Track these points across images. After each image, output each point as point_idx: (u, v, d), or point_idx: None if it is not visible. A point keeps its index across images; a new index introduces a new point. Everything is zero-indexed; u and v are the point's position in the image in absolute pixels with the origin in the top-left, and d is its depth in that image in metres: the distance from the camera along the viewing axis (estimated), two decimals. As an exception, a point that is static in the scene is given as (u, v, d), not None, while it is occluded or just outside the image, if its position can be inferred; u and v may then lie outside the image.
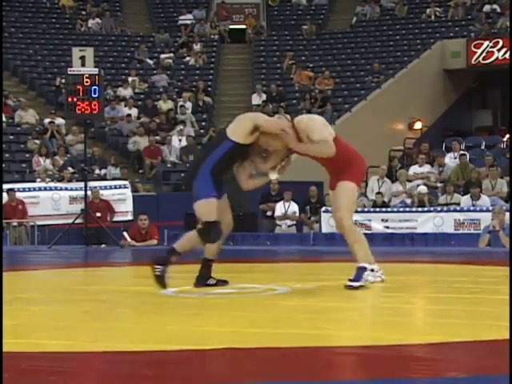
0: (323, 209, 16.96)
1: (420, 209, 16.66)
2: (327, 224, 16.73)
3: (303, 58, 26.92)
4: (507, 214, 14.49)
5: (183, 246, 7.05)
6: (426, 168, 18.62)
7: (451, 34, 25.71)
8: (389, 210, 16.99)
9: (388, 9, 28.69)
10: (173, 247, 7.07)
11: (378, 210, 16.95)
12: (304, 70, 25.57)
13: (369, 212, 16.94)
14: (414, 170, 18.60)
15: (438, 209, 16.41)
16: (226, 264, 10.90)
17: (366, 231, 16.45)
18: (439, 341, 4.65)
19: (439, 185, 17.89)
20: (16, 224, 16.69)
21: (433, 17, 27.49)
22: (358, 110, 22.79)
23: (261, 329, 5.25)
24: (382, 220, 16.63)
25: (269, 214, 17.56)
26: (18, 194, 17.00)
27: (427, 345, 4.61)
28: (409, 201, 17.40)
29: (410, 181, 18.09)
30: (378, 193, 17.58)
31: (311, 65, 26.31)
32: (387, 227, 16.49)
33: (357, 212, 16.84)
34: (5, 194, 16.83)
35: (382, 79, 24.06)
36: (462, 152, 18.88)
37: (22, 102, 22.74)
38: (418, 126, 24.11)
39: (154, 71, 26.13)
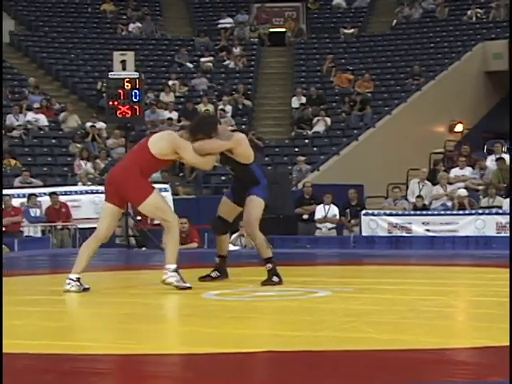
0: (363, 212, 16.90)
1: (461, 212, 16.53)
2: (367, 227, 16.66)
3: (343, 60, 26.83)
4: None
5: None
6: (467, 171, 18.47)
7: (492, 36, 25.46)
8: (429, 213, 16.88)
9: (429, 10, 28.50)
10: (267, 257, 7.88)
11: (418, 212, 16.85)
12: (344, 73, 25.50)
13: (409, 215, 16.84)
14: (455, 172, 18.46)
15: (480, 211, 16.26)
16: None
17: (407, 234, 16.38)
18: (481, 345, 4.61)
19: (480, 188, 17.73)
20: (60, 227, 16.83)
21: (474, 18, 27.25)
22: (398, 112, 22.67)
23: (301, 332, 5.25)
24: (423, 223, 16.52)
25: (305, 217, 17.53)
26: (61, 198, 17.12)
27: (469, 349, 4.58)
28: (450, 204, 17.28)
29: (450, 183, 17.96)
30: (419, 196, 17.46)
31: (351, 67, 26.21)
32: (428, 230, 16.39)
33: (397, 215, 16.81)
34: (47, 198, 16.99)
35: (422, 81, 23.90)
36: (500, 155, 18.68)
37: (67, 106, 22.89)
38: (458, 128, 23.91)
39: (194, 75, 26.22)
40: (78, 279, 7.35)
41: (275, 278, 7.81)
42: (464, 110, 24.06)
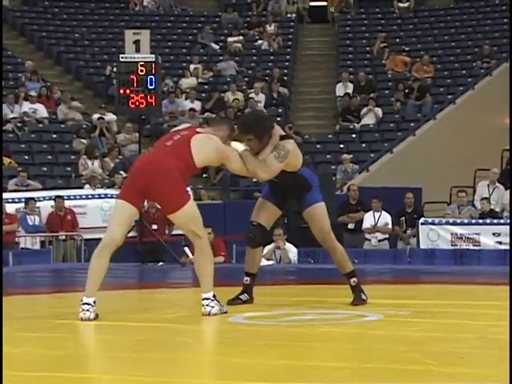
0: (421, 220, 16.86)
1: (541, 220, 16.44)
2: (426, 238, 16.61)
3: (397, 39, 26.81)
4: None
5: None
6: (548, 171, 18.38)
7: None
8: (502, 221, 16.80)
9: (500, -21, 28.44)
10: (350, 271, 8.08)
11: (488, 221, 16.77)
12: (398, 55, 25.47)
13: (477, 224, 16.76)
14: (533, 173, 18.38)
15: None
16: (306, 286, 10.91)
17: (474, 247, 16.30)
18: None
19: None
20: (63, 237, 16.91)
21: (555, -12, 27.11)
22: (463, 101, 22.60)
23: (347, 363, 5.26)
24: (494, 234, 16.44)
25: (351, 226, 17.53)
26: (66, 203, 17.18)
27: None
28: (527, 211, 17.20)
29: (527, 186, 17.88)
30: (484, 198, 17.34)
31: (407, 48, 26.20)
32: (499, 243, 16.30)
33: (463, 224, 16.73)
34: (47, 203, 17.09)
35: (493, 64, 23.81)
36: None
37: (65, 94, 23.05)
38: (537, 120, 23.79)
39: (220, 57, 26.32)
40: (95, 302, 7.26)
41: (363, 296, 8.03)
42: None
